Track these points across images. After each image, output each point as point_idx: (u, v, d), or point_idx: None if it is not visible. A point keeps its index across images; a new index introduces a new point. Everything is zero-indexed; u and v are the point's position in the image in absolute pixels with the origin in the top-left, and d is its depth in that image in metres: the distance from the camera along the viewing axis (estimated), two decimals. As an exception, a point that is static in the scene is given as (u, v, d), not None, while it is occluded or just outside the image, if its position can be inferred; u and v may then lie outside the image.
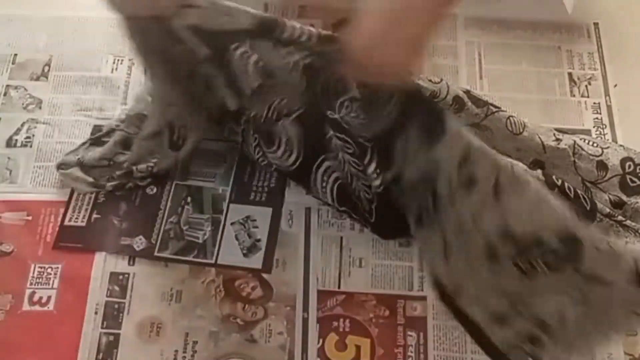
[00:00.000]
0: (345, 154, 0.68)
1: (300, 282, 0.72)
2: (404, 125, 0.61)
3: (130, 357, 0.68)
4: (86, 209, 0.76)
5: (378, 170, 0.66)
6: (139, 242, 0.74)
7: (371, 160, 0.67)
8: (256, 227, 0.75)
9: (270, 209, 0.76)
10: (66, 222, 0.75)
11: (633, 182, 0.73)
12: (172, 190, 0.77)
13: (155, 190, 0.77)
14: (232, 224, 0.75)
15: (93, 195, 0.77)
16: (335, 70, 0.65)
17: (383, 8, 0.54)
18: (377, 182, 0.67)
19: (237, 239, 0.74)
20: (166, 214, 0.76)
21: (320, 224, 0.75)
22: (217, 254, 0.73)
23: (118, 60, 0.87)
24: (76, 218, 0.76)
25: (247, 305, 0.71)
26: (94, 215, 0.76)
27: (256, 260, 0.73)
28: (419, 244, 0.72)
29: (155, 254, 0.73)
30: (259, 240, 0.74)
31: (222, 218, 0.76)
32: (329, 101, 0.67)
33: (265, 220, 0.75)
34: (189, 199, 0.77)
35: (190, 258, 0.73)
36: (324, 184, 0.73)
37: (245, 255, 0.73)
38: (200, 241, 0.74)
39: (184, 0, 0.64)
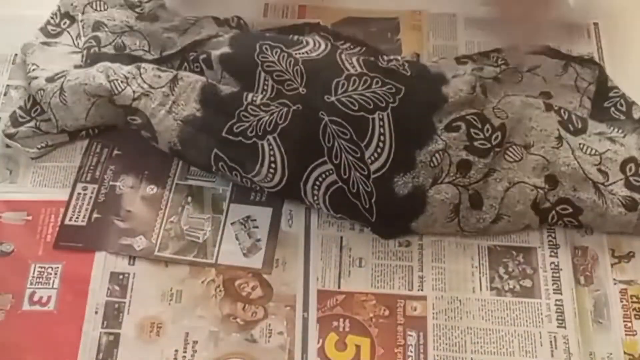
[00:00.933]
0: (342, 141, 0.69)
1: (300, 282, 0.72)
2: None
3: (130, 357, 0.68)
4: (86, 209, 0.76)
5: (378, 151, 0.68)
6: (139, 242, 0.74)
7: (372, 138, 0.68)
8: (256, 227, 0.75)
9: (270, 209, 0.76)
10: (66, 222, 0.75)
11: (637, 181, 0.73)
12: (172, 189, 0.77)
13: (155, 189, 0.77)
14: (232, 224, 0.75)
15: (94, 195, 0.77)
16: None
17: None
18: (375, 166, 0.68)
19: (237, 239, 0.74)
20: (166, 214, 0.76)
21: (320, 224, 0.75)
22: (217, 254, 0.73)
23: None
24: (76, 218, 0.76)
25: (247, 305, 0.71)
26: (95, 215, 0.76)
27: (256, 260, 0.73)
28: None
29: (155, 253, 0.73)
30: (259, 240, 0.74)
31: (222, 218, 0.76)
32: (327, 84, 0.69)
33: (265, 220, 0.75)
34: (189, 199, 0.77)
35: (190, 258, 0.73)
36: (316, 198, 0.73)
37: (245, 255, 0.73)
38: (200, 241, 0.74)
39: None
